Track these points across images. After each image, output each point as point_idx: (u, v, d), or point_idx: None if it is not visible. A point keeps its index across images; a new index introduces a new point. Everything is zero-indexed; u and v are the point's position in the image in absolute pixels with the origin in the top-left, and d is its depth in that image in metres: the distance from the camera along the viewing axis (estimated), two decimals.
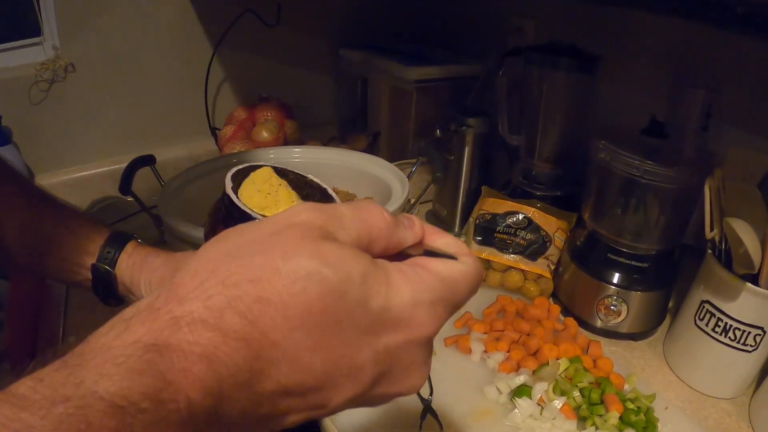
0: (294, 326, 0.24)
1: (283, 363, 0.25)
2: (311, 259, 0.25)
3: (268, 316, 0.24)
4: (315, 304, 0.24)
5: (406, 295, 0.27)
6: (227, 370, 0.23)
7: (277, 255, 0.25)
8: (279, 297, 0.24)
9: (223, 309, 0.24)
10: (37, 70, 1.06)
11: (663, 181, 0.74)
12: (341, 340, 0.26)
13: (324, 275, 0.25)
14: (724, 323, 0.70)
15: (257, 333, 0.24)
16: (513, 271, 0.89)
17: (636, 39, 0.96)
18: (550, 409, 0.67)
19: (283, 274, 0.24)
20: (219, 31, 1.19)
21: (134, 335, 0.23)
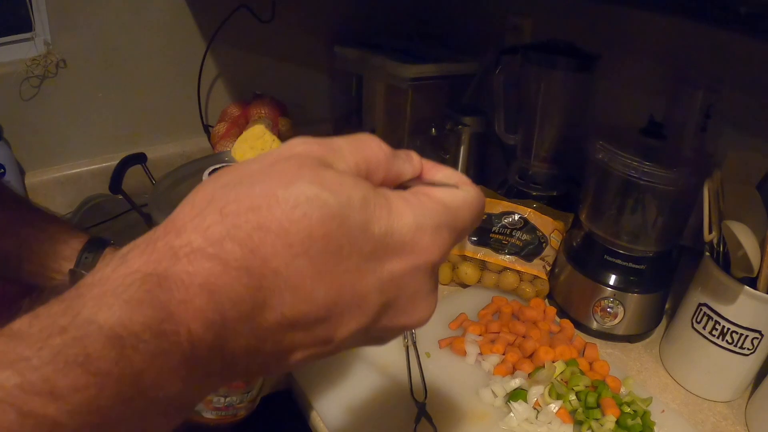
0: (295, 253, 0.23)
1: (286, 292, 0.24)
2: (311, 185, 0.24)
3: (268, 243, 0.23)
4: (316, 230, 0.24)
5: (408, 220, 0.26)
6: (229, 301, 0.23)
7: (276, 183, 0.24)
8: (279, 224, 0.23)
9: (222, 238, 0.23)
10: (28, 66, 1.05)
11: (661, 183, 0.73)
12: (344, 267, 0.25)
13: (324, 200, 0.24)
14: (721, 326, 0.70)
15: (258, 261, 0.23)
16: (508, 272, 0.89)
17: (634, 38, 0.95)
18: (546, 413, 0.66)
19: (282, 201, 0.23)
20: (212, 27, 1.17)
21: (132, 267, 0.22)
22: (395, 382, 0.71)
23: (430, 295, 0.29)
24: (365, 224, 0.25)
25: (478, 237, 0.92)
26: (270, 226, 0.23)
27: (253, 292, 0.23)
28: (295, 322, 0.24)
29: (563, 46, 0.91)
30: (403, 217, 0.26)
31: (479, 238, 0.91)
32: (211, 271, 0.22)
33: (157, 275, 0.22)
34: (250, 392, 0.55)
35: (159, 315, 0.21)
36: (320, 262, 0.24)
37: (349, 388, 0.70)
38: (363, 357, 0.75)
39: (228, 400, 0.54)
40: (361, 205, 0.25)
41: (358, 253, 0.25)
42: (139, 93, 1.18)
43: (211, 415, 0.54)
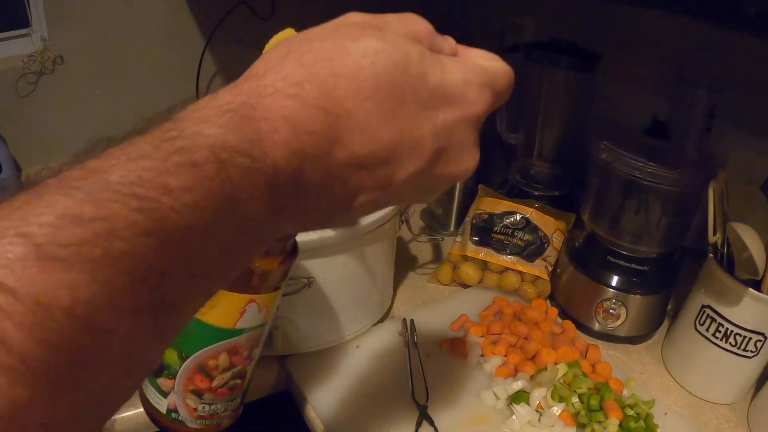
0: (365, 96, 0.26)
1: (356, 132, 0.26)
2: (376, 39, 0.27)
3: (341, 87, 0.26)
4: (382, 77, 0.27)
5: (458, 74, 0.30)
6: (307, 134, 0.25)
7: (345, 39, 0.27)
8: (350, 71, 0.26)
9: (301, 81, 0.26)
10: (24, 62, 1.03)
11: (665, 184, 0.72)
12: (405, 112, 0.28)
13: (389, 52, 0.27)
14: (725, 329, 0.69)
15: (332, 102, 0.26)
16: (510, 272, 0.88)
17: (638, 37, 0.94)
18: (549, 415, 0.65)
19: (352, 51, 0.26)
20: (211, 24, 1.16)
21: (224, 99, 0.25)
22: (396, 384, 0.70)
23: (474, 147, 0.32)
24: (422, 75, 0.28)
25: (479, 237, 0.91)
26: (342, 72, 0.26)
27: (327, 129, 0.26)
28: (361, 161, 0.27)
29: (565, 45, 0.90)
30: (454, 72, 0.29)
31: (481, 239, 0.91)
32: (293, 107, 0.25)
33: (249, 106, 0.25)
34: (234, 400, 0.55)
35: (250, 138, 0.24)
36: (385, 105, 0.27)
37: (349, 390, 0.69)
38: (363, 358, 0.74)
39: (212, 408, 0.54)
40: (419, 59, 0.28)
41: (417, 100, 0.28)
42: (136, 90, 1.16)
43: (195, 424, 0.54)
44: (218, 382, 0.52)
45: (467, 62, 0.31)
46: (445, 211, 1.06)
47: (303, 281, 0.67)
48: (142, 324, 0.21)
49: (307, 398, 0.69)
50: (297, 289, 0.67)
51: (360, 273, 0.73)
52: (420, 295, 0.90)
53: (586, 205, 0.84)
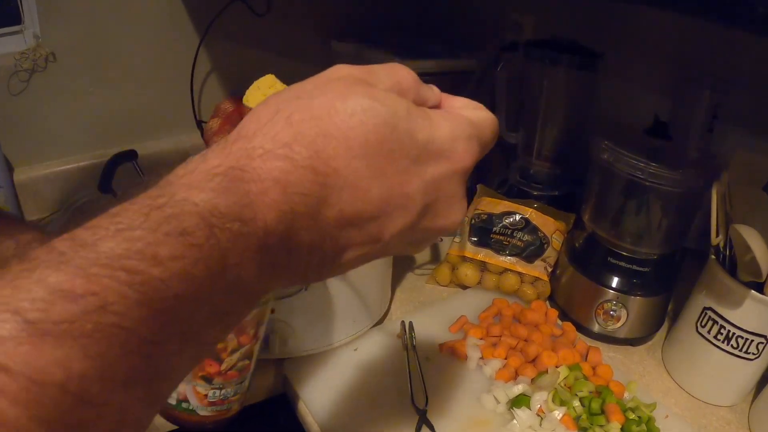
0: (354, 155, 0.27)
1: (345, 190, 0.27)
2: (364, 97, 0.27)
3: (330, 147, 0.26)
4: (371, 135, 0.27)
5: (446, 130, 0.30)
6: (297, 195, 0.25)
7: (333, 97, 0.27)
8: (339, 131, 0.26)
9: (290, 142, 0.26)
10: (16, 60, 1.02)
11: (668, 184, 0.71)
12: (394, 169, 0.28)
13: (377, 110, 0.27)
14: (726, 331, 0.69)
15: (322, 162, 0.26)
16: (509, 273, 0.87)
17: (640, 36, 0.93)
18: (550, 419, 0.65)
19: (341, 110, 0.27)
20: (206, 20, 1.15)
21: (213, 163, 0.25)
22: (395, 387, 0.69)
23: (462, 200, 0.32)
24: (411, 132, 0.28)
25: (478, 237, 0.90)
26: (331, 131, 0.26)
27: (317, 188, 0.26)
28: (351, 218, 0.28)
29: (566, 43, 0.90)
30: (441, 127, 0.30)
31: (480, 239, 0.90)
32: (282, 168, 0.25)
33: (238, 168, 0.25)
34: (243, 382, 0.55)
35: (240, 202, 0.24)
36: (374, 163, 0.27)
37: (347, 394, 0.68)
38: (361, 361, 0.73)
39: (223, 393, 0.54)
40: (407, 115, 0.29)
41: (406, 156, 0.28)
42: (130, 88, 1.15)
43: (207, 411, 0.54)
44: (227, 365, 0.52)
45: (454, 115, 0.32)
46: None
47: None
48: (135, 394, 0.21)
49: (305, 402, 0.68)
50: (294, 291, 0.66)
51: (358, 275, 0.72)
52: (418, 296, 0.89)
53: (586, 206, 0.83)
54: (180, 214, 0.22)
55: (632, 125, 0.79)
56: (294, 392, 0.70)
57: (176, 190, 0.23)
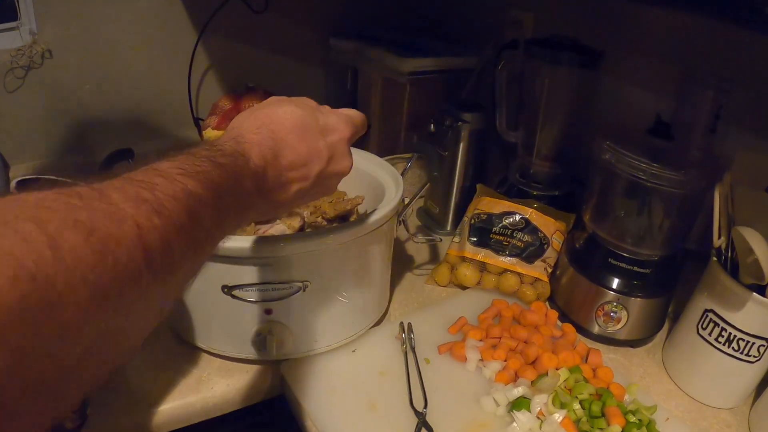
0: (288, 131, 0.49)
1: (287, 149, 0.49)
2: (291, 104, 0.51)
3: (277, 128, 0.49)
4: (297, 121, 0.50)
5: (333, 118, 0.54)
6: (266, 150, 0.46)
7: (276, 105, 0.51)
8: (280, 120, 0.49)
9: (259, 127, 0.48)
10: (12, 57, 1.01)
11: (670, 185, 0.71)
12: (310, 137, 0.51)
13: (296, 110, 0.51)
14: (728, 333, 0.68)
15: (274, 135, 0.48)
16: (509, 274, 0.86)
17: (642, 34, 0.92)
18: (550, 422, 0.64)
19: (279, 111, 0.50)
20: (204, 17, 1.14)
21: (227, 136, 0.46)
22: (393, 390, 0.69)
23: (348, 156, 0.56)
24: (315, 119, 0.52)
25: (477, 238, 0.89)
26: (276, 121, 0.49)
27: (275, 149, 0.47)
28: (291, 164, 0.49)
29: (567, 41, 0.89)
30: (331, 116, 0.54)
31: (479, 239, 0.89)
32: (257, 138, 0.47)
33: (239, 137, 0.46)
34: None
35: (241, 151, 0.44)
36: (300, 134, 0.50)
37: (345, 396, 0.68)
38: (359, 363, 0.73)
39: None
40: (312, 112, 0.52)
41: (315, 130, 0.51)
42: (127, 85, 1.14)
43: None
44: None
45: (337, 111, 0.56)
46: (442, 210, 1.04)
47: (298, 285, 0.65)
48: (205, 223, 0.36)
49: (302, 404, 0.67)
50: (292, 292, 0.65)
51: (356, 275, 0.71)
52: (417, 297, 0.88)
53: (587, 206, 0.83)
54: (215, 152, 0.40)
55: (634, 125, 0.78)
56: (292, 394, 0.69)
57: (219, 143, 0.43)
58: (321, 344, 0.72)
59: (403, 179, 0.78)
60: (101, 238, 0.26)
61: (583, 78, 0.89)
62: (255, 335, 0.68)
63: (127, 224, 0.28)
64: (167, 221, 0.31)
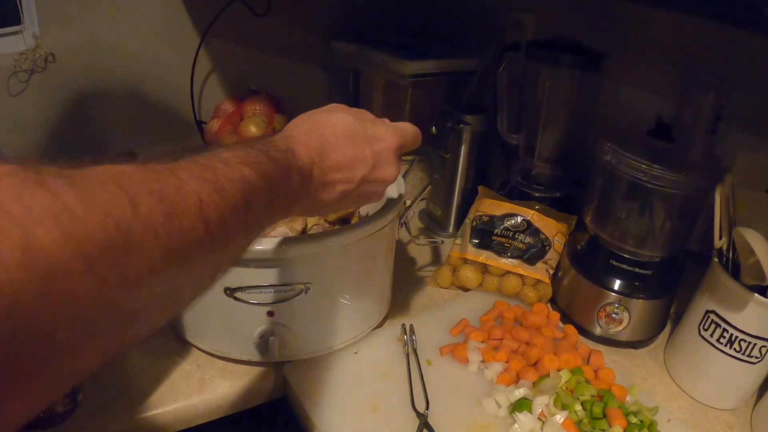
0: (338, 136, 0.52)
1: (334, 152, 0.52)
2: (344, 112, 0.55)
3: (327, 132, 0.52)
4: (347, 127, 0.53)
5: (382, 128, 0.57)
6: (313, 150, 0.49)
7: (327, 113, 0.55)
8: (330, 125, 0.53)
9: (309, 131, 0.51)
10: (16, 60, 1.02)
11: (671, 187, 0.71)
12: (358, 142, 0.54)
13: (350, 116, 0.55)
14: (729, 334, 0.68)
15: (323, 138, 0.51)
16: (511, 275, 0.87)
17: (643, 36, 0.93)
18: (552, 424, 0.64)
19: (331, 118, 0.54)
20: (206, 20, 1.14)
21: (280, 136, 0.50)
22: (395, 391, 0.69)
23: (395, 165, 0.57)
24: (364, 127, 0.55)
25: (479, 239, 0.89)
26: (327, 126, 0.53)
27: (321, 149, 0.50)
28: (337, 166, 0.52)
29: (568, 43, 0.89)
30: (380, 127, 0.57)
31: (481, 241, 0.89)
32: (306, 140, 0.50)
33: (290, 138, 0.49)
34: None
35: (291, 149, 0.47)
36: (348, 140, 0.53)
37: (347, 397, 0.68)
38: (361, 365, 0.73)
39: None
40: (364, 121, 0.55)
41: (362, 138, 0.54)
42: (129, 88, 1.15)
43: None
44: None
45: (389, 123, 0.59)
46: (444, 212, 1.05)
47: (300, 287, 0.65)
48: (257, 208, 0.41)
49: (304, 405, 0.67)
50: (294, 294, 0.65)
51: (358, 277, 0.72)
52: (419, 299, 0.88)
53: (588, 208, 0.83)
54: (269, 147, 0.44)
55: (635, 127, 0.78)
56: (294, 395, 0.69)
57: (274, 140, 0.47)
58: (323, 346, 0.72)
59: (404, 181, 0.78)
60: (171, 204, 0.31)
61: (585, 80, 0.89)
62: (257, 337, 0.68)
63: (192, 197, 0.33)
64: (224, 200, 0.35)
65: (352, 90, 1.30)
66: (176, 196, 0.32)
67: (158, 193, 0.30)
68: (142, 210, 0.28)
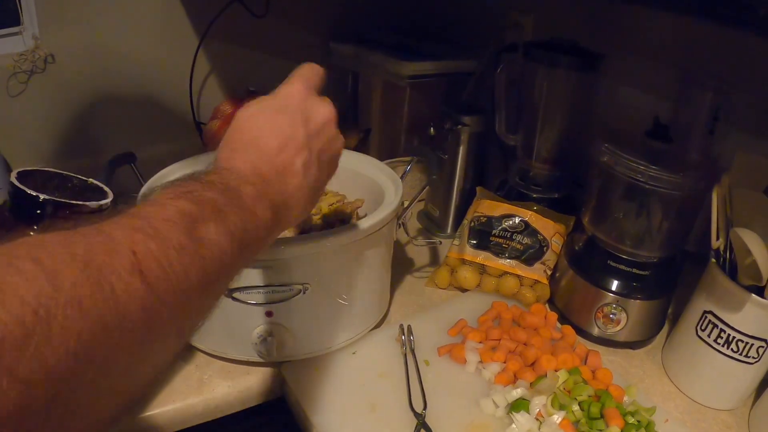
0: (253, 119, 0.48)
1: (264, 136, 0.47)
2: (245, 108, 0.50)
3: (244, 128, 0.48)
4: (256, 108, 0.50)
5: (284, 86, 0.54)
6: (245, 151, 0.46)
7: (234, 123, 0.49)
8: (244, 121, 0.48)
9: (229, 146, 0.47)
10: (15, 61, 1.02)
11: (668, 187, 0.71)
12: (274, 114, 0.49)
13: (252, 103, 0.50)
14: (726, 334, 0.68)
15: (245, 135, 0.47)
16: (508, 276, 0.87)
17: (640, 37, 0.93)
18: (549, 424, 0.64)
19: (238, 118, 0.48)
20: (205, 22, 1.15)
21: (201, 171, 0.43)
22: (393, 391, 0.69)
23: (319, 103, 0.54)
24: (270, 97, 0.51)
25: (477, 240, 0.90)
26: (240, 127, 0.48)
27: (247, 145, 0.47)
28: (276, 146, 0.47)
29: (566, 44, 0.89)
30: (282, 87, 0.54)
31: (479, 242, 0.89)
32: (230, 155, 0.46)
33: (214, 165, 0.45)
34: None
35: (222, 167, 0.44)
36: (265, 116, 0.49)
37: (345, 397, 0.68)
38: (359, 365, 0.73)
39: None
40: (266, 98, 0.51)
41: (274, 105, 0.50)
42: (128, 90, 1.15)
43: None
44: None
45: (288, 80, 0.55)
46: (443, 212, 1.05)
47: (298, 287, 0.65)
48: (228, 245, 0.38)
49: (303, 406, 0.67)
50: (292, 295, 0.66)
51: (356, 278, 0.72)
52: (417, 299, 0.88)
53: (586, 209, 0.83)
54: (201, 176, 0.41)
55: (632, 127, 0.78)
56: (292, 396, 0.70)
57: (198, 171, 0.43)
58: (321, 346, 0.73)
59: (402, 182, 0.78)
60: (97, 267, 0.27)
61: (582, 81, 0.90)
62: (256, 337, 0.69)
63: (122, 253, 0.29)
64: (163, 244, 0.32)
65: (350, 91, 1.30)
66: (103, 256, 0.28)
67: (81, 258, 0.27)
68: (64, 284, 0.25)
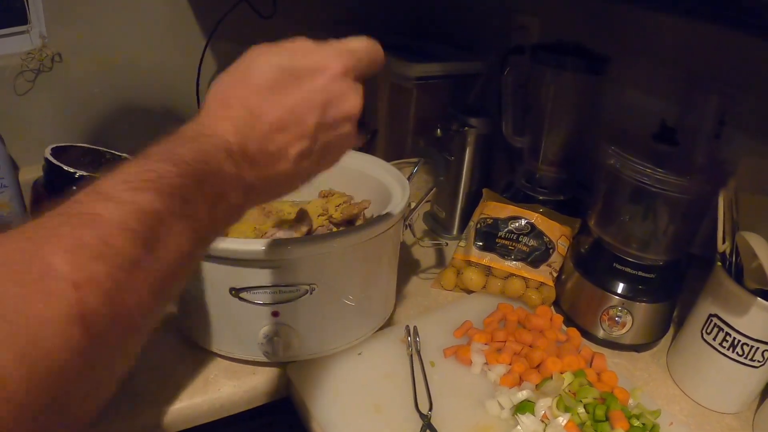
0: (264, 89, 0.42)
1: (266, 110, 0.41)
2: (264, 55, 0.44)
3: (248, 93, 0.41)
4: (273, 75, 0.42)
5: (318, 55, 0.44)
6: (241, 120, 0.40)
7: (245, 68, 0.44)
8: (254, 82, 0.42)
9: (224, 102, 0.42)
10: (22, 60, 1.02)
11: (675, 191, 0.71)
12: (291, 87, 0.42)
13: (273, 59, 0.44)
14: (732, 338, 0.68)
15: (246, 102, 0.41)
16: (514, 278, 0.87)
17: (647, 40, 0.93)
18: (554, 426, 0.64)
19: (251, 71, 0.43)
20: (212, 22, 1.15)
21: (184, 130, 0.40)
22: (399, 392, 0.69)
23: (352, 90, 0.45)
24: (297, 64, 0.43)
25: (483, 242, 0.90)
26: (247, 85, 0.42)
27: (247, 114, 0.41)
28: (276, 125, 0.41)
29: (572, 47, 0.89)
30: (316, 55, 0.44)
31: (485, 244, 0.89)
32: (225, 114, 0.41)
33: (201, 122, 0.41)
34: None
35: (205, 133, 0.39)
36: (278, 89, 0.42)
37: (350, 398, 0.68)
38: (365, 366, 0.73)
39: None
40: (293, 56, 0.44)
41: (296, 78, 0.43)
42: (135, 89, 1.15)
43: None
44: None
45: (326, 46, 0.44)
46: (449, 214, 1.05)
47: (305, 288, 0.66)
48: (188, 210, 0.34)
49: (308, 406, 0.68)
50: (299, 295, 0.66)
51: (363, 279, 0.72)
52: (423, 300, 0.89)
53: (592, 211, 0.83)
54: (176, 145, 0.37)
55: (639, 130, 0.78)
56: (298, 396, 0.70)
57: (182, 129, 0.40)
58: (327, 347, 0.73)
59: (409, 184, 0.78)
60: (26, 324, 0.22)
61: (589, 83, 0.90)
62: (262, 337, 0.69)
63: (60, 293, 0.24)
64: (113, 263, 0.26)
65: None
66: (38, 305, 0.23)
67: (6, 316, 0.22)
68: None
